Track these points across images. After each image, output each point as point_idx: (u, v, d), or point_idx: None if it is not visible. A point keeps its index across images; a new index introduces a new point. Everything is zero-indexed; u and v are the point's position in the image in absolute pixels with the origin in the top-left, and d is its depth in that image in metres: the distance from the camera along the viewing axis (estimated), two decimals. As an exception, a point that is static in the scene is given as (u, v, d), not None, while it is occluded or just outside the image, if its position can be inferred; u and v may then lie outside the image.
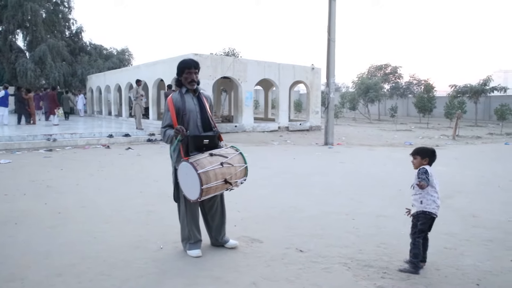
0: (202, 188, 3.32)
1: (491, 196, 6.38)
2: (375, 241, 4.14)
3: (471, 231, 4.50)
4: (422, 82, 34.18)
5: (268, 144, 14.09)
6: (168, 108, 3.65)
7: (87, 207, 5.40)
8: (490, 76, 27.39)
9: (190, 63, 3.67)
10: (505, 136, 18.81)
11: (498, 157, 11.43)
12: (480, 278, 3.27)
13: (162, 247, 3.95)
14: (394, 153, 12.10)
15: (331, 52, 13.80)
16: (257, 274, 3.32)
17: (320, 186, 6.95)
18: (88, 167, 8.64)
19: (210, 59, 16.28)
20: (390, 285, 3.13)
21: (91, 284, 3.12)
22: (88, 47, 32.14)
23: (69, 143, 12.56)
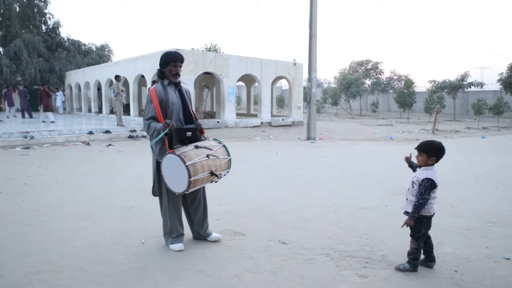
0: (190, 180, 3.29)
1: (468, 187, 6.53)
2: (357, 232, 4.19)
3: (450, 221, 4.60)
4: (402, 78, 34.71)
5: (250, 139, 14.08)
6: (151, 99, 3.58)
7: (66, 204, 5.29)
8: (467, 72, 28.01)
9: (177, 56, 3.62)
10: (482, 130, 19.29)
11: (475, 150, 11.71)
12: (458, 265, 3.35)
13: (144, 242, 3.90)
14: (375, 147, 12.26)
15: (313, 47, 13.86)
16: (240, 267, 3.32)
17: (303, 180, 6.99)
18: (68, 164, 8.46)
19: (192, 54, 16.14)
20: (372, 274, 3.17)
21: (70, 281, 3.06)
22: (66, 42, 31.36)
23: (47, 141, 12.28)
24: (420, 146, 3.31)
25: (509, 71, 24.81)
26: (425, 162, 3.26)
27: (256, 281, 3.07)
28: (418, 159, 3.31)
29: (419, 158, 3.29)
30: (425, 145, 3.29)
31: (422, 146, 3.30)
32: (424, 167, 3.28)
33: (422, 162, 3.27)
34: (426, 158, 3.24)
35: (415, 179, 3.27)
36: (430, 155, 3.24)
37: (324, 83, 49.98)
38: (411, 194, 3.29)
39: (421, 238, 3.26)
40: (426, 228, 3.28)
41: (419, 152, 3.29)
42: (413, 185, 3.28)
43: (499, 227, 4.39)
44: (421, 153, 3.27)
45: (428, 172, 3.22)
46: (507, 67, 25.03)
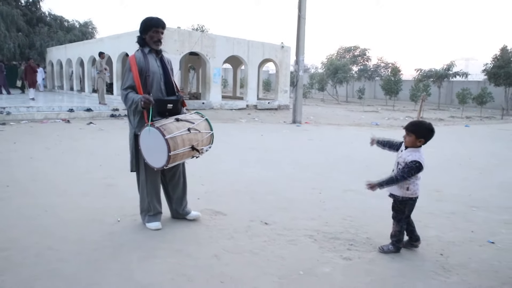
0: (169, 155, 3.11)
1: (452, 173, 6.51)
2: (341, 214, 4.08)
3: (435, 205, 4.54)
4: (389, 65, 34.75)
5: (236, 121, 13.87)
6: (130, 67, 3.33)
7: (39, 180, 5.04)
8: (453, 62, 28.18)
9: (159, 22, 3.38)
10: (465, 119, 19.47)
11: (459, 138, 11.77)
12: (444, 248, 3.28)
13: (119, 220, 3.72)
14: (361, 132, 12.21)
15: (301, 29, 13.60)
16: (219, 247, 3.17)
17: (287, 162, 6.86)
18: (45, 141, 8.13)
19: (177, 33, 15.69)
20: (357, 257, 3.06)
21: (36, 259, 2.86)
22: (47, 17, 30.19)
23: (24, 117, 11.82)
24: (409, 126, 3.12)
25: (493, 62, 24.98)
26: (412, 143, 3.08)
27: (235, 261, 2.93)
28: (406, 139, 3.13)
29: (407, 138, 3.11)
30: (414, 125, 3.11)
31: (411, 126, 3.11)
32: (411, 149, 3.11)
33: (410, 143, 3.10)
34: (415, 139, 3.07)
35: (400, 159, 3.12)
36: (419, 136, 3.07)
37: (311, 68, 49.70)
38: None
39: (404, 220, 3.17)
40: (410, 210, 3.18)
41: (407, 132, 3.11)
42: (398, 166, 3.13)
43: (483, 212, 4.34)
44: (410, 133, 3.08)
45: (416, 154, 3.07)
46: (491, 58, 25.21)
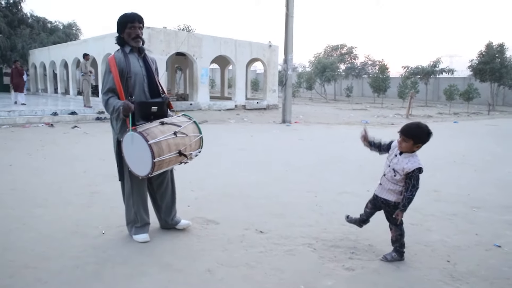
0: (154, 162, 2.86)
1: (447, 171, 6.39)
2: (339, 219, 3.88)
3: (434, 206, 4.38)
4: (376, 63, 34.82)
5: (224, 122, 13.63)
6: (110, 68, 3.07)
7: (18, 190, 4.74)
8: (439, 58, 28.36)
9: (133, 16, 3.13)
10: (453, 115, 19.55)
11: (449, 135, 11.72)
12: (450, 254, 3.11)
13: (104, 232, 3.46)
14: (351, 130, 12.08)
15: (289, 27, 13.42)
16: (213, 260, 2.95)
17: (279, 163, 6.66)
18: (26, 147, 7.79)
19: (163, 33, 15.37)
20: (360, 266, 2.87)
21: (10, 281, 2.59)
22: (29, 19, 29.47)
23: (5, 122, 11.39)
24: (407, 131, 2.83)
25: (479, 58, 25.19)
26: (410, 149, 2.84)
27: (231, 276, 2.70)
28: (402, 145, 2.86)
29: (403, 144, 2.85)
30: (413, 130, 2.82)
31: (410, 131, 2.82)
32: (407, 154, 2.87)
33: (406, 149, 2.84)
34: (412, 145, 2.82)
35: (397, 166, 2.87)
36: (418, 141, 2.82)
37: (299, 67, 49.65)
38: (390, 182, 2.92)
39: (402, 223, 3.01)
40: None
41: (403, 138, 2.84)
42: (394, 174, 2.88)
43: (484, 212, 4.20)
44: (407, 139, 2.82)
45: (416, 160, 2.85)
46: (477, 54, 25.40)
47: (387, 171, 2.97)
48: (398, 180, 2.90)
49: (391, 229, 3.04)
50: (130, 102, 2.99)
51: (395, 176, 2.90)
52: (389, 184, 2.94)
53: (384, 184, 2.99)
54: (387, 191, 2.96)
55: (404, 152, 2.88)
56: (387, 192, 2.97)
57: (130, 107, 2.95)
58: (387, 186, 2.96)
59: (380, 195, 3.03)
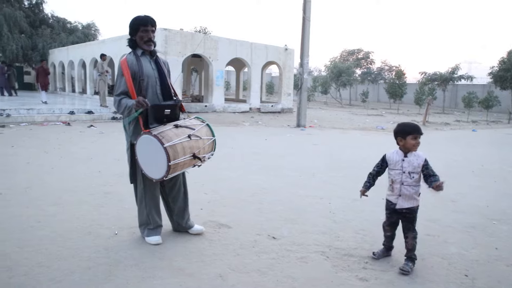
0: (169, 165, 2.85)
1: (466, 181, 6.24)
2: (353, 227, 3.83)
3: (452, 217, 4.27)
4: (393, 68, 34.47)
5: (238, 124, 13.63)
6: (122, 72, 3.08)
7: (34, 188, 4.80)
8: (458, 65, 27.87)
9: (146, 19, 3.14)
10: (471, 123, 19.17)
11: (467, 143, 11.49)
12: (468, 268, 3.01)
13: (117, 233, 3.47)
14: (366, 136, 11.95)
15: (306, 31, 13.37)
16: (224, 265, 2.92)
17: (293, 168, 6.60)
18: (43, 145, 7.91)
19: (180, 35, 15.49)
20: (374, 277, 2.80)
21: (24, 278, 2.61)
22: (50, 19, 30.05)
23: (25, 119, 11.62)
24: (420, 129, 2.99)
25: (500, 65, 24.68)
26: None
27: (242, 282, 2.67)
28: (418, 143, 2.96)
29: (417, 141, 2.96)
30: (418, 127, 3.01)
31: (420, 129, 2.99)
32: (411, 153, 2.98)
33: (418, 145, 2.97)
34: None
35: (410, 168, 2.94)
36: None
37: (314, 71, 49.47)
38: (411, 187, 2.94)
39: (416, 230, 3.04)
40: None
41: (418, 136, 2.96)
42: (411, 176, 2.92)
43: (505, 225, 4.07)
44: (419, 136, 2.97)
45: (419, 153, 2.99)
46: (498, 61, 24.90)
47: (404, 178, 2.97)
48: (417, 179, 2.96)
49: (408, 237, 3.00)
50: (150, 107, 2.99)
51: (413, 177, 2.95)
52: (410, 189, 2.96)
53: (406, 192, 2.97)
54: (409, 199, 2.98)
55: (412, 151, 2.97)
56: (409, 200, 2.98)
57: (146, 102, 2.94)
58: (409, 192, 2.96)
59: (403, 207, 2.99)
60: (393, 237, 3.15)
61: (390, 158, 3.06)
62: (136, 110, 3.01)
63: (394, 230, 3.14)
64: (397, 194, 3.00)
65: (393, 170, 3.03)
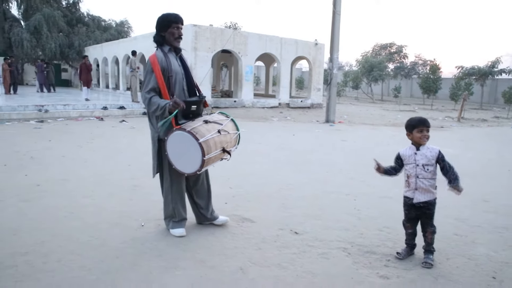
0: (204, 159, 2.97)
1: (500, 180, 6.00)
2: (377, 225, 3.79)
3: (483, 217, 4.13)
4: (427, 63, 33.37)
5: (267, 120, 13.66)
6: (152, 68, 3.13)
7: (69, 180, 5.03)
8: (499, 58, 26.62)
9: (178, 17, 3.21)
10: (511, 120, 18.33)
11: (505, 141, 11.01)
12: (496, 270, 2.92)
13: (143, 224, 3.60)
14: (397, 133, 11.67)
15: (336, 25, 13.19)
16: (245, 258, 2.97)
17: (320, 164, 6.57)
18: (78, 139, 8.25)
19: (209, 30, 15.65)
20: (395, 275, 2.77)
21: (57, 265, 2.77)
22: (85, 18, 31.10)
23: (61, 115, 12.15)
24: (428, 123, 3.00)
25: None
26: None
27: (262, 276, 2.71)
28: (429, 136, 2.97)
29: (427, 135, 2.96)
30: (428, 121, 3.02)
31: (428, 122, 3.01)
32: (422, 147, 2.98)
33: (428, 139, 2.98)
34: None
35: (424, 160, 2.95)
36: None
37: (345, 66, 48.69)
38: (427, 179, 2.96)
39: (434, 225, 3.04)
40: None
41: (427, 129, 2.98)
42: (426, 168, 2.94)
43: (539, 226, 3.90)
44: (429, 129, 2.99)
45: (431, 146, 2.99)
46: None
47: (418, 172, 2.98)
48: (432, 171, 2.96)
49: (426, 231, 3.02)
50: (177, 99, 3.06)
51: (428, 169, 2.96)
52: (426, 182, 2.96)
53: (421, 185, 2.97)
54: (426, 192, 2.98)
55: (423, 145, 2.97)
56: (426, 193, 2.98)
57: (180, 103, 3.01)
58: (425, 186, 2.97)
59: (420, 200, 2.99)
60: (414, 234, 3.11)
61: (403, 154, 3.08)
62: (170, 111, 3.04)
63: (415, 226, 3.11)
64: (413, 188, 3.00)
65: (408, 165, 3.04)
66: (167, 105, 3.04)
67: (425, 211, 3.00)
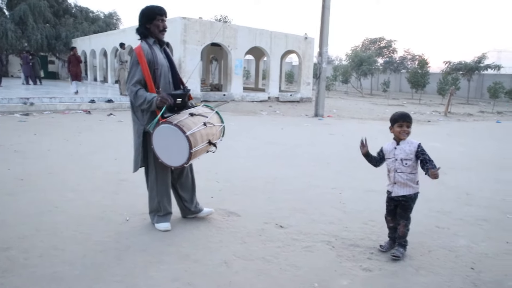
0: (191, 152, 2.98)
1: (484, 173, 6.10)
2: (362, 218, 3.83)
3: (465, 210, 4.21)
4: (416, 58, 33.62)
5: (256, 114, 13.65)
6: (138, 60, 3.10)
7: (54, 174, 4.98)
8: (485, 54, 26.97)
9: (162, 9, 3.19)
10: (496, 114, 18.63)
11: (490, 135, 11.19)
12: (475, 261, 2.98)
13: (128, 219, 3.58)
14: (385, 127, 11.76)
15: (325, 19, 13.19)
16: (230, 252, 2.98)
17: (308, 158, 6.61)
18: (64, 133, 8.15)
19: (199, 23, 15.53)
20: (378, 268, 2.81)
21: (39, 260, 2.74)
22: (73, 9, 30.56)
23: (47, 108, 11.96)
24: (409, 117, 3.03)
25: (529, 54, 23.79)
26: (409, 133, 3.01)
27: (246, 269, 2.73)
28: (409, 131, 2.99)
29: (409, 130, 2.99)
30: (410, 116, 3.06)
31: (411, 118, 3.05)
32: (403, 141, 3.00)
33: (409, 134, 3.00)
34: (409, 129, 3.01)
35: (402, 155, 2.97)
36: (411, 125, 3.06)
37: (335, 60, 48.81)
38: (406, 174, 2.98)
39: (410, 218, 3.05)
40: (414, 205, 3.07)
41: (407, 124, 3.00)
42: (404, 163, 2.96)
43: (519, 219, 3.99)
44: (410, 125, 3.01)
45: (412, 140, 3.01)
46: (527, 50, 24.01)
47: (397, 166, 3.01)
48: (411, 166, 2.97)
49: (400, 223, 3.05)
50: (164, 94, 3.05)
51: (407, 164, 2.97)
52: (404, 176, 2.98)
53: (400, 179, 3.00)
54: (404, 186, 3.00)
55: (404, 139, 3.00)
56: (404, 188, 3.00)
57: (168, 99, 3.01)
58: (403, 180, 2.99)
59: (398, 194, 3.03)
60: (395, 228, 3.14)
61: (385, 148, 3.13)
62: (158, 106, 3.03)
63: (395, 220, 3.14)
64: (393, 182, 3.05)
65: (388, 159, 3.09)
66: (154, 99, 3.02)
67: (403, 205, 3.03)
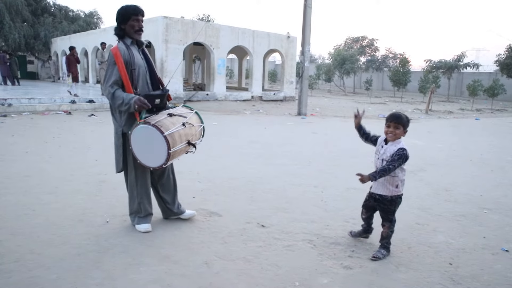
0: (169, 152, 2.94)
1: (462, 170, 6.23)
2: (343, 216, 3.86)
3: (443, 206, 4.29)
4: (398, 56, 34.07)
5: (239, 113, 13.63)
6: (115, 60, 3.05)
7: (31, 176, 4.87)
8: (464, 52, 27.52)
9: (137, 9, 3.14)
10: (476, 111, 19.03)
11: (469, 132, 11.43)
12: (453, 256, 3.04)
13: (108, 221, 3.52)
14: (367, 125, 11.84)
15: (307, 18, 13.25)
16: (211, 252, 2.97)
17: (290, 157, 6.62)
18: (43, 134, 7.98)
19: (181, 23, 15.40)
20: (358, 265, 2.84)
21: (15, 265, 2.67)
22: (52, 8, 29.96)
23: (26, 109, 11.70)
24: (399, 119, 2.94)
25: (507, 52, 24.35)
26: (400, 135, 2.95)
27: (227, 270, 2.72)
28: (394, 133, 2.93)
29: (396, 131, 2.93)
30: (403, 118, 2.96)
31: (401, 119, 2.94)
32: (393, 142, 2.96)
33: (398, 135, 2.94)
34: (402, 131, 2.94)
35: (385, 155, 2.95)
36: (406, 127, 2.96)
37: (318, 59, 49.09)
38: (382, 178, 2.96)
39: (395, 218, 3.06)
40: (398, 207, 3.07)
41: (396, 125, 2.93)
42: (382, 163, 2.96)
43: (496, 215, 4.08)
44: (399, 126, 2.92)
45: (401, 144, 2.94)
46: (505, 48, 24.57)
47: (378, 164, 3.01)
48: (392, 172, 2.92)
49: (384, 225, 3.06)
50: (142, 96, 3.01)
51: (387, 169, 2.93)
52: (382, 179, 2.96)
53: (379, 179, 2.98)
54: (382, 186, 3.00)
55: (393, 140, 2.96)
56: (382, 187, 3.01)
57: (147, 105, 2.97)
58: (381, 179, 2.97)
59: (375, 191, 3.06)
60: (368, 220, 3.21)
61: (378, 142, 3.12)
62: (136, 110, 3.00)
63: (369, 213, 3.19)
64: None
65: (375, 155, 3.09)
66: (131, 101, 2.98)
67: (381, 206, 3.05)
